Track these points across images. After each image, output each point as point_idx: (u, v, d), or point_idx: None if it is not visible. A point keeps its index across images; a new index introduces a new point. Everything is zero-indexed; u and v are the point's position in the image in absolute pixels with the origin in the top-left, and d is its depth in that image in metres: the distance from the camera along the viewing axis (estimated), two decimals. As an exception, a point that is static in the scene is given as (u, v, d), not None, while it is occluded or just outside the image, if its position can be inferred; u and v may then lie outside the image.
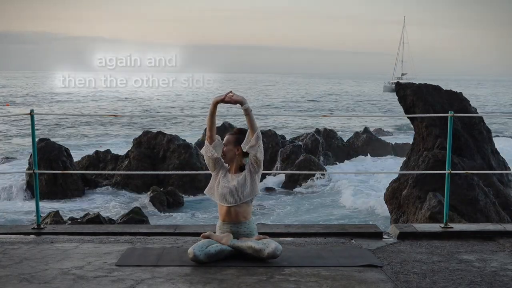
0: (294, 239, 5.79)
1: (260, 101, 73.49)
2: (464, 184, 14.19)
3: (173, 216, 17.31)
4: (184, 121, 44.96)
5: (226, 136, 5.21)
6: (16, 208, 17.44)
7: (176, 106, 63.38)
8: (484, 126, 17.14)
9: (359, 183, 21.33)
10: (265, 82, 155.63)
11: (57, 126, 40.36)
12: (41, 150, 18.87)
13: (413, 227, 6.19)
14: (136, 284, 4.37)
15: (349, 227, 6.58)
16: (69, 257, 5.09)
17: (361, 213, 17.29)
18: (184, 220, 16.75)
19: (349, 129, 38.28)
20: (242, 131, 5.18)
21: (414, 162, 16.21)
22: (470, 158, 15.98)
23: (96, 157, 22.02)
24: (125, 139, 33.51)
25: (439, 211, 13.18)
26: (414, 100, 17.11)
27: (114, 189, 20.09)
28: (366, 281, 4.47)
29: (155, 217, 16.68)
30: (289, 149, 23.33)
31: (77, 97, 74.05)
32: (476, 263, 5.04)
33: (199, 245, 4.86)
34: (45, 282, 4.40)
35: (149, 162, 21.23)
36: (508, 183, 16.54)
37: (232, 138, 5.15)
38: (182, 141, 21.86)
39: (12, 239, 5.73)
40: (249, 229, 5.07)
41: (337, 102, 76.67)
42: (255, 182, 5.05)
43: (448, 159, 6.37)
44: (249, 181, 5.03)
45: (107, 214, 16.00)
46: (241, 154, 5.11)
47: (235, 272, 4.64)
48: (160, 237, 5.83)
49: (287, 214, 17.25)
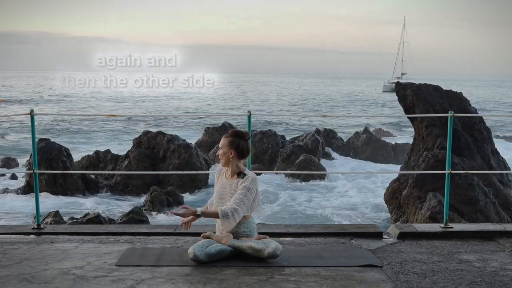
0: (294, 239, 5.80)
1: (260, 101, 73.51)
2: (464, 184, 14.19)
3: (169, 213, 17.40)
4: (184, 121, 44.92)
5: (222, 139, 5.15)
6: (16, 208, 17.43)
7: (176, 106, 63.38)
8: (484, 126, 17.14)
9: (359, 183, 21.34)
10: (265, 82, 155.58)
11: (57, 126, 40.34)
12: (41, 150, 18.86)
13: (413, 227, 6.19)
14: (136, 284, 4.37)
15: (349, 227, 6.59)
16: (69, 257, 5.09)
17: (361, 213, 17.28)
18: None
19: (349, 129, 38.26)
20: (237, 134, 5.08)
21: (414, 162, 16.22)
22: (470, 158, 15.98)
23: (96, 157, 22.01)
24: (125, 139, 33.51)
25: (439, 211, 13.19)
26: (414, 100, 17.12)
27: (114, 189, 20.09)
28: (366, 281, 4.47)
29: (154, 215, 16.67)
30: (289, 149, 23.33)
31: (77, 97, 74.06)
32: (476, 263, 5.04)
33: (199, 245, 4.86)
34: (45, 282, 4.40)
35: (149, 162, 21.22)
36: (508, 183, 16.53)
37: (226, 141, 5.06)
38: (182, 141, 21.85)
39: (12, 239, 5.73)
40: (249, 228, 5.06)
41: (337, 102, 76.65)
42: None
43: (448, 159, 6.38)
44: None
45: (107, 214, 15.99)
46: (235, 158, 5.03)
47: (235, 272, 4.64)
48: (160, 237, 5.83)
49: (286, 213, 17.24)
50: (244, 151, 5.07)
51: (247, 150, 5.10)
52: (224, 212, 4.83)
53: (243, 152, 5.06)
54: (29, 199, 18.04)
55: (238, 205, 4.84)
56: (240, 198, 4.86)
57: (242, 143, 5.05)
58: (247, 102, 71.03)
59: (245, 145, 5.07)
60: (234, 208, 4.82)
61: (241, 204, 4.85)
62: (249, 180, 4.94)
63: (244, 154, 5.09)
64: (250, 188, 4.90)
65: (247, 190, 4.89)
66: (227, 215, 4.81)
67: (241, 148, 5.04)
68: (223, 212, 4.82)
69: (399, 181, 15.87)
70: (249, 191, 4.90)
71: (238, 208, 4.83)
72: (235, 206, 4.83)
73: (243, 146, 5.05)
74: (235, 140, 5.03)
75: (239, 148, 5.03)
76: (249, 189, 4.90)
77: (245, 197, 4.87)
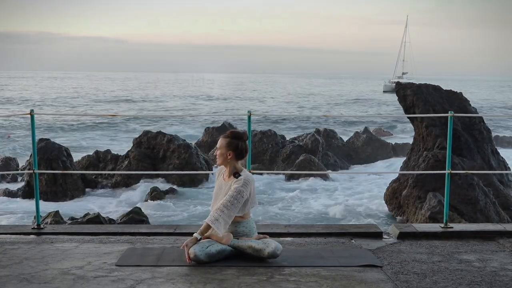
0: (294, 239, 5.80)
1: (260, 101, 73.51)
2: (464, 184, 14.20)
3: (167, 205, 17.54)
4: (185, 121, 44.93)
5: (220, 139, 5.15)
6: (16, 208, 17.42)
7: (176, 106, 63.38)
8: (484, 126, 17.14)
9: (359, 183, 21.34)
10: (265, 82, 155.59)
11: (57, 126, 40.34)
12: (41, 150, 18.86)
13: (413, 227, 6.19)
14: (136, 284, 4.37)
15: (349, 227, 6.58)
16: (69, 257, 5.08)
17: (361, 213, 17.28)
18: (183, 212, 16.89)
19: (349, 129, 38.25)
20: (235, 135, 5.07)
21: (414, 162, 16.23)
22: (470, 158, 15.98)
23: (96, 157, 22.02)
24: (125, 139, 33.50)
25: (439, 211, 13.20)
26: (414, 100, 17.13)
27: (114, 189, 20.09)
28: (366, 281, 4.47)
29: (154, 216, 16.67)
30: (289, 149, 23.33)
31: (77, 97, 74.04)
32: (476, 263, 5.04)
33: (199, 245, 4.86)
34: (45, 282, 4.40)
35: (149, 162, 21.23)
36: (508, 183, 16.54)
37: (224, 142, 5.06)
38: (182, 141, 21.86)
39: (12, 239, 5.73)
40: (248, 228, 5.07)
41: (337, 102, 76.64)
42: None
43: (448, 159, 6.38)
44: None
45: (107, 214, 15.99)
46: (233, 158, 5.03)
47: (235, 272, 4.64)
48: (160, 237, 5.83)
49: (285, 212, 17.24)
50: (243, 152, 5.07)
51: (245, 151, 5.09)
52: (211, 221, 4.84)
53: (241, 153, 5.06)
54: (29, 199, 18.05)
55: (222, 210, 4.83)
56: (228, 200, 4.86)
57: (241, 144, 5.04)
58: (247, 103, 71.04)
59: (244, 146, 5.07)
60: (218, 215, 4.82)
61: (228, 206, 4.84)
62: (241, 182, 4.92)
63: (243, 155, 5.08)
64: (241, 191, 4.89)
65: (238, 193, 4.88)
66: (213, 223, 4.82)
67: (240, 149, 5.04)
68: (210, 221, 4.84)
69: (399, 181, 15.88)
70: (239, 193, 4.88)
71: (222, 214, 4.82)
72: (219, 212, 4.83)
73: (241, 147, 5.04)
74: (234, 141, 5.02)
75: (237, 150, 5.03)
76: (240, 191, 4.88)
77: (234, 200, 4.86)
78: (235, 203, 4.86)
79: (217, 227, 4.81)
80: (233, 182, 4.97)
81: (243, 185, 4.91)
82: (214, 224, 4.81)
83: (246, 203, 4.97)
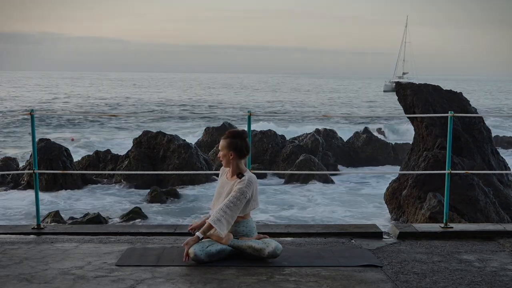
0: (294, 239, 5.80)
1: (260, 101, 73.48)
2: (464, 184, 14.18)
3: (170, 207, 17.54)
4: (184, 121, 44.92)
5: (220, 141, 5.16)
6: (16, 208, 17.41)
7: (175, 106, 63.36)
8: (484, 126, 17.13)
9: (359, 182, 21.33)
10: (265, 82, 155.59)
11: (57, 126, 40.33)
12: (41, 150, 18.86)
13: (413, 227, 6.19)
14: (136, 284, 4.37)
15: (349, 227, 6.57)
16: (69, 257, 5.09)
17: (361, 213, 17.27)
18: (183, 211, 16.95)
19: (349, 129, 38.23)
20: (234, 134, 5.09)
21: (414, 162, 16.22)
22: (470, 158, 15.97)
23: (96, 157, 22.01)
24: (125, 139, 33.49)
25: (439, 211, 13.18)
26: (414, 100, 17.11)
27: (114, 189, 20.09)
28: (366, 281, 4.47)
29: (154, 216, 16.68)
30: (289, 149, 23.31)
31: (77, 97, 74.04)
32: (476, 263, 5.04)
33: (199, 244, 4.86)
34: (45, 282, 4.40)
35: (149, 162, 21.22)
36: (508, 183, 16.53)
37: (225, 143, 5.08)
38: (182, 141, 21.85)
39: (12, 239, 5.73)
40: (248, 228, 5.07)
41: (337, 102, 76.64)
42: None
43: (448, 159, 6.38)
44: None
45: (107, 214, 16.00)
46: (236, 158, 5.05)
47: (235, 272, 4.64)
48: (160, 237, 5.84)
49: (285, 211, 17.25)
50: (243, 150, 5.08)
51: (246, 149, 5.10)
52: (213, 221, 4.84)
53: (242, 151, 5.07)
54: (29, 199, 18.04)
55: (225, 211, 4.84)
56: (231, 201, 4.87)
57: (240, 143, 5.05)
58: (247, 102, 71.02)
59: (244, 144, 5.08)
60: (221, 215, 4.83)
61: (231, 207, 4.85)
62: (244, 183, 4.94)
63: (244, 154, 5.09)
64: (244, 191, 4.90)
65: (241, 193, 4.89)
66: (215, 223, 4.82)
67: (240, 148, 5.05)
68: (213, 221, 4.84)
69: (399, 181, 15.87)
70: (243, 194, 4.90)
71: (225, 214, 4.83)
72: (222, 212, 4.83)
73: (241, 145, 5.06)
74: (233, 141, 5.04)
75: (238, 149, 5.04)
76: (243, 192, 4.90)
77: (237, 200, 4.87)
78: (238, 203, 4.87)
79: (220, 228, 4.81)
80: (236, 182, 4.98)
81: (246, 186, 4.92)
82: (217, 225, 4.81)
83: (248, 203, 4.98)
